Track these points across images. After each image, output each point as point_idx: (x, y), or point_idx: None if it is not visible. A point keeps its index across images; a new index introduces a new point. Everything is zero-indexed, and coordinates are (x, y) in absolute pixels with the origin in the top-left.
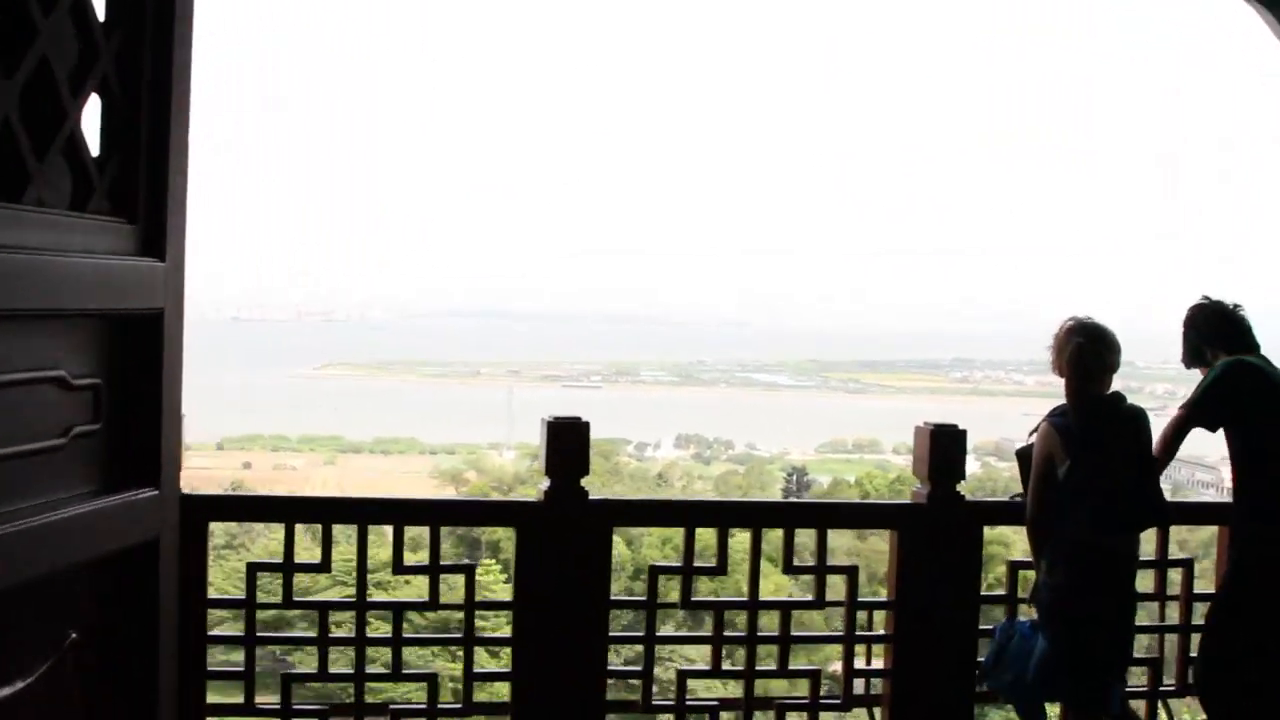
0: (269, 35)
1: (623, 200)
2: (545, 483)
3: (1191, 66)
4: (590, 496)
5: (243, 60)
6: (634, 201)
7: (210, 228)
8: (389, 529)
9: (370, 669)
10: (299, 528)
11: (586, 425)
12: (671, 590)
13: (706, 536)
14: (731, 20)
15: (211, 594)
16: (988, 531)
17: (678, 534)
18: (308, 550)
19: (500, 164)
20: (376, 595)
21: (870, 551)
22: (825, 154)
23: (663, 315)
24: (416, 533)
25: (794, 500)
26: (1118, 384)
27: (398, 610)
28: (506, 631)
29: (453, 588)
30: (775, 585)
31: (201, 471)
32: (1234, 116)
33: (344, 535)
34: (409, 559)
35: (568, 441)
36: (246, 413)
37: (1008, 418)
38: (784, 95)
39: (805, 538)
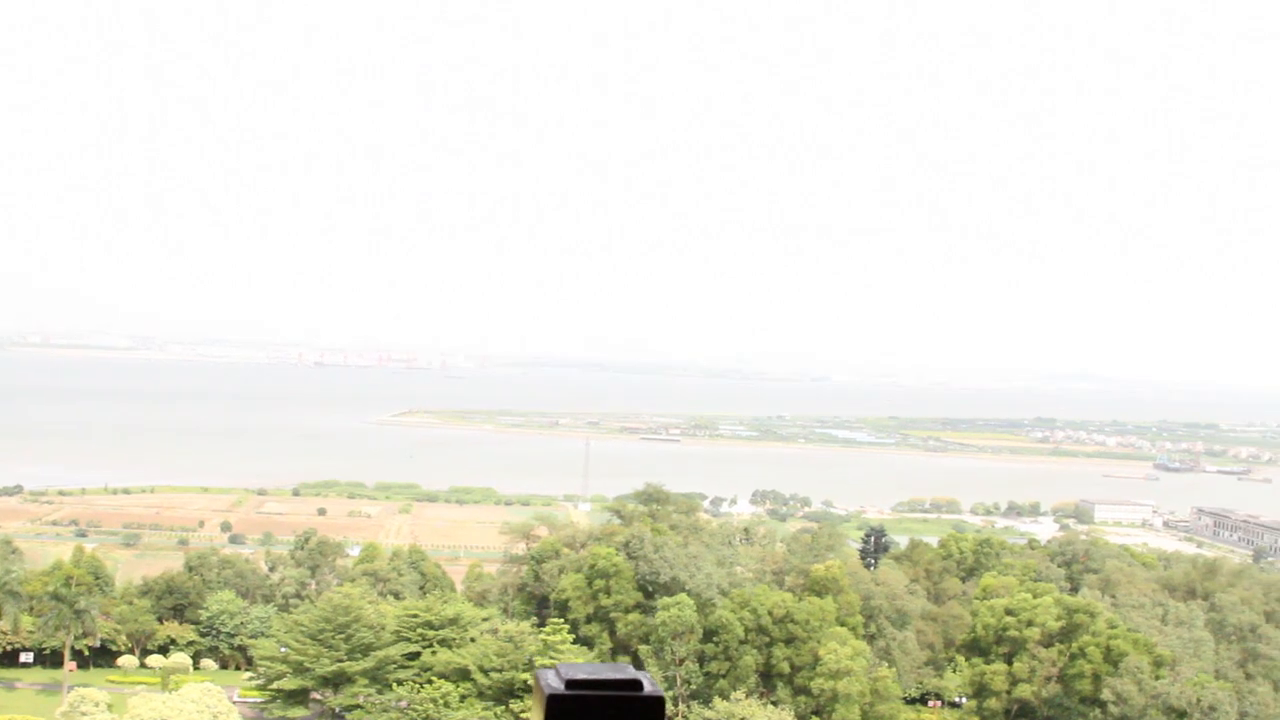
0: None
1: (697, 259)
2: None
3: None
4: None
5: (288, 114)
6: (708, 261)
7: (293, 277)
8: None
9: None
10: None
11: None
12: None
13: (778, 600)
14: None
15: None
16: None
17: (755, 599)
18: None
19: (576, 221)
20: None
21: (948, 615)
22: (887, 214)
23: (742, 370)
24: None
25: None
26: (1199, 447)
27: None
28: None
29: None
30: (855, 650)
31: (277, 517)
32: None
33: None
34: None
35: None
36: (325, 458)
37: (1089, 479)
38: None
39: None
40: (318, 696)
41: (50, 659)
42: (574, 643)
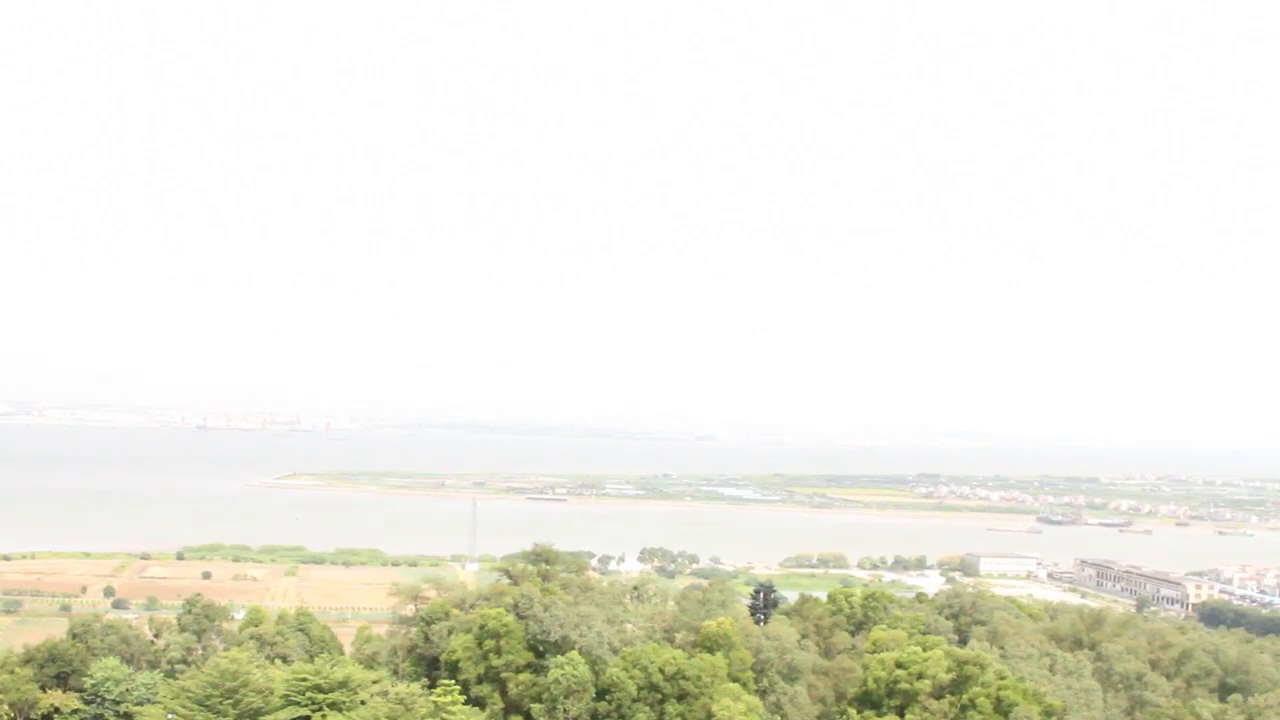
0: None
1: (587, 316)
2: None
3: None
4: None
5: (208, 173)
6: (599, 317)
7: (176, 336)
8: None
9: None
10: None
11: None
12: None
13: (669, 657)
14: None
15: None
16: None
17: (646, 656)
18: None
19: (468, 279)
20: None
21: (839, 669)
22: (790, 272)
23: (627, 429)
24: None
25: None
26: (1081, 500)
27: None
28: None
29: None
30: (747, 706)
31: (161, 581)
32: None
33: None
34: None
35: None
36: (209, 522)
37: (973, 533)
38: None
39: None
40: None
41: None
42: (465, 703)
